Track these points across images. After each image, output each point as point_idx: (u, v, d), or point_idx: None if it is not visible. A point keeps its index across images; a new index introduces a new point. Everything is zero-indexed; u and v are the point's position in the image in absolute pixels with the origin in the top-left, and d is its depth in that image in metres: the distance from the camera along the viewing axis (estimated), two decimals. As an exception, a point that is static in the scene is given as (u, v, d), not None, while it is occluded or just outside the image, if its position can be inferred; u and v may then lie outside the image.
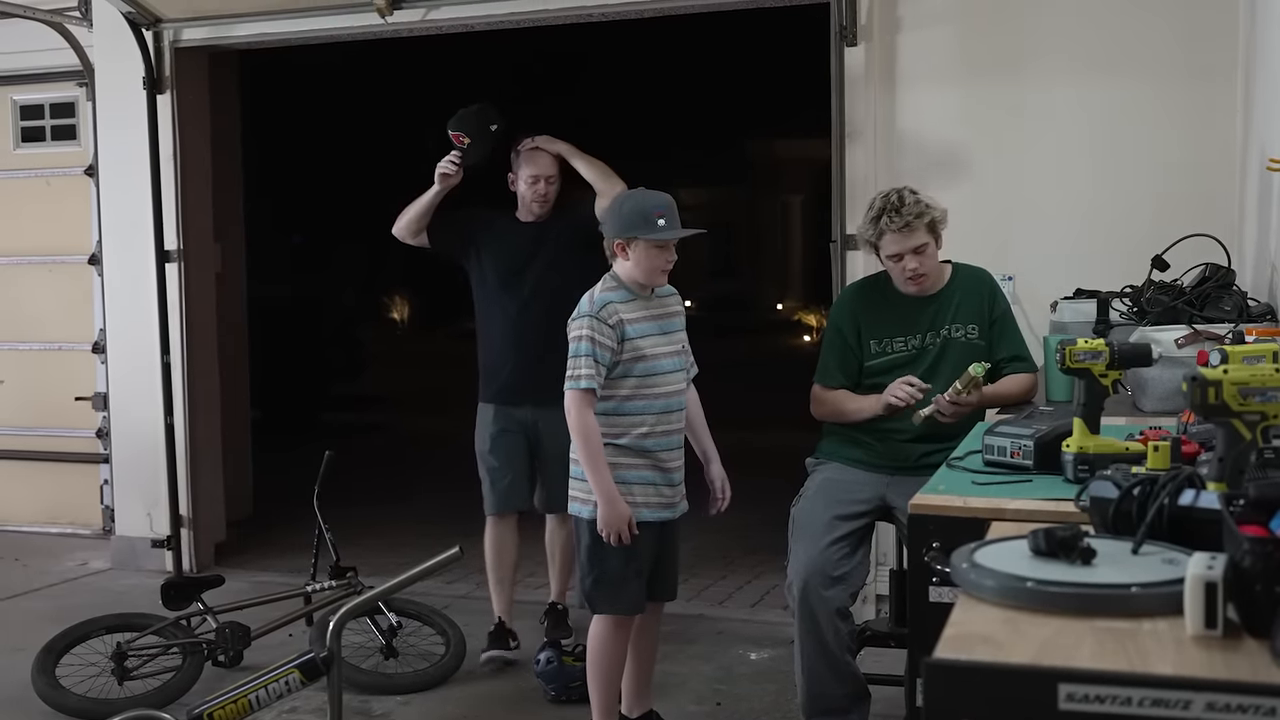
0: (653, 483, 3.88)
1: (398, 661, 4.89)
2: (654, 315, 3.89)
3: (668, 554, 4.03)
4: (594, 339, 3.76)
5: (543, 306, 4.86)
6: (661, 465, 3.88)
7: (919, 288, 3.92)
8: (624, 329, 3.79)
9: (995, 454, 2.76)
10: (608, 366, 3.78)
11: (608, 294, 3.84)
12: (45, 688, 4.53)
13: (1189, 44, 5.04)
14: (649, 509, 3.87)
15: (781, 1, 5.74)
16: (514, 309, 5.02)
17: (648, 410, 3.84)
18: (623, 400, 3.83)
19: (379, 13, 6.05)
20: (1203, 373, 1.84)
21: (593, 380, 3.75)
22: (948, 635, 1.49)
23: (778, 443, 5.57)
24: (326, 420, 12.34)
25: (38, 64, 7.19)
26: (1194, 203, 4.91)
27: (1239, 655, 1.41)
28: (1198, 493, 1.76)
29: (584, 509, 3.87)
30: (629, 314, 3.81)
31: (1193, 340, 3.27)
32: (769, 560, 6.25)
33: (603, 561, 3.86)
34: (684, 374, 3.97)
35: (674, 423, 3.91)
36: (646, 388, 3.83)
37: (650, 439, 3.84)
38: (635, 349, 3.81)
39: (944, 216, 3.90)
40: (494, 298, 5.09)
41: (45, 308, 7.42)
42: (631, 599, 3.93)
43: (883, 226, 3.83)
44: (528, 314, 4.99)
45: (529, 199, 4.99)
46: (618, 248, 3.84)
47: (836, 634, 3.61)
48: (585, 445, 3.77)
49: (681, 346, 3.96)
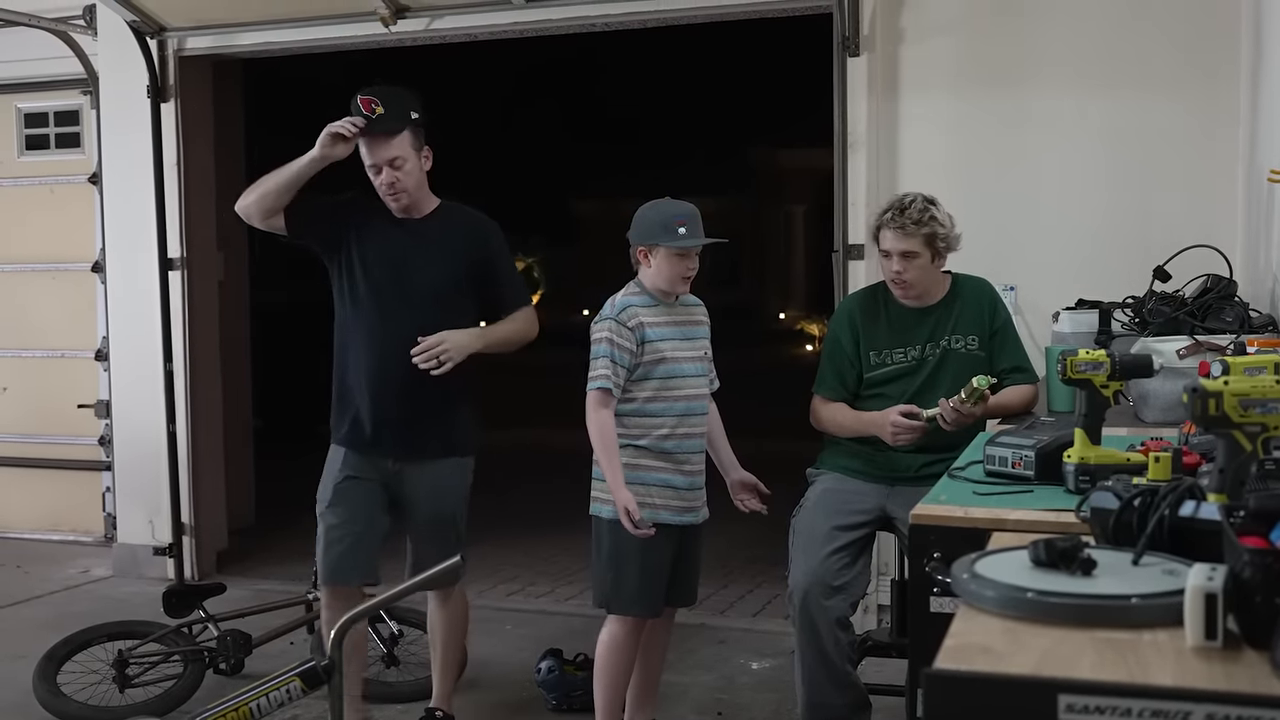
0: (672, 485, 3.91)
1: (399, 670, 4.89)
2: (677, 321, 3.96)
3: (688, 559, 4.04)
4: (613, 340, 3.83)
5: (416, 321, 4.02)
6: (681, 468, 3.92)
7: (903, 293, 3.92)
8: (644, 332, 3.86)
9: (996, 464, 2.76)
10: (628, 369, 3.84)
11: (629, 298, 3.92)
12: (47, 695, 4.53)
13: (1191, 55, 5.05)
14: (668, 511, 3.90)
15: (784, 12, 5.76)
16: (379, 322, 4.06)
17: (668, 412, 3.89)
18: (644, 402, 3.89)
19: (383, 22, 6.07)
20: (1204, 384, 1.84)
21: (608, 380, 3.80)
22: (948, 645, 1.49)
23: (779, 451, 5.57)
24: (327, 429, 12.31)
25: (42, 72, 7.21)
26: (1196, 213, 4.91)
27: (1239, 667, 1.41)
28: (1198, 504, 1.76)
29: (604, 509, 3.90)
30: (650, 318, 3.89)
31: (1194, 351, 3.27)
32: (769, 570, 6.25)
33: (621, 562, 3.89)
34: (705, 380, 4.01)
35: (694, 426, 3.95)
36: (667, 390, 3.89)
37: (671, 440, 3.89)
38: (656, 351, 3.87)
39: (953, 239, 3.88)
40: (360, 306, 4.10)
41: (48, 315, 7.44)
42: (648, 601, 3.94)
43: (884, 220, 3.88)
44: (397, 329, 4.02)
45: (382, 194, 4.08)
46: (640, 254, 3.93)
47: (837, 644, 3.61)
48: (600, 440, 3.83)
49: (704, 354, 4.01)
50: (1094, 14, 5.17)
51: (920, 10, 5.38)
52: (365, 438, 4.11)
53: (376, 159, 4.02)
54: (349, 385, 4.13)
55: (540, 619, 5.80)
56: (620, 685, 4.03)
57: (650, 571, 3.90)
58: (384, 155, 4.00)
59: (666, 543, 3.91)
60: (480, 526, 5.17)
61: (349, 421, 4.13)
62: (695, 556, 4.09)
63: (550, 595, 6.33)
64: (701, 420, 3.98)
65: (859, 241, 5.38)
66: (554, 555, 7.04)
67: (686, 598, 4.12)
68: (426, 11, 6.12)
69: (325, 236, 4.14)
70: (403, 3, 6.07)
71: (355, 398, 4.11)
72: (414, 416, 4.06)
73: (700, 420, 3.97)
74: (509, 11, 6.01)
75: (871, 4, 5.38)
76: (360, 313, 4.10)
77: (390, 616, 4.93)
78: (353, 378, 4.11)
